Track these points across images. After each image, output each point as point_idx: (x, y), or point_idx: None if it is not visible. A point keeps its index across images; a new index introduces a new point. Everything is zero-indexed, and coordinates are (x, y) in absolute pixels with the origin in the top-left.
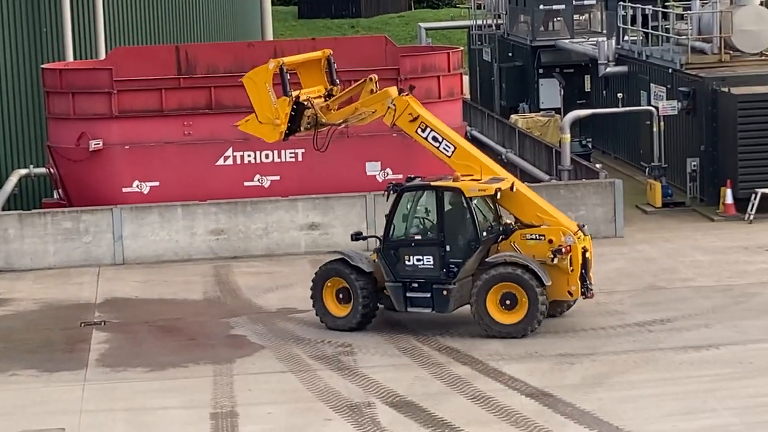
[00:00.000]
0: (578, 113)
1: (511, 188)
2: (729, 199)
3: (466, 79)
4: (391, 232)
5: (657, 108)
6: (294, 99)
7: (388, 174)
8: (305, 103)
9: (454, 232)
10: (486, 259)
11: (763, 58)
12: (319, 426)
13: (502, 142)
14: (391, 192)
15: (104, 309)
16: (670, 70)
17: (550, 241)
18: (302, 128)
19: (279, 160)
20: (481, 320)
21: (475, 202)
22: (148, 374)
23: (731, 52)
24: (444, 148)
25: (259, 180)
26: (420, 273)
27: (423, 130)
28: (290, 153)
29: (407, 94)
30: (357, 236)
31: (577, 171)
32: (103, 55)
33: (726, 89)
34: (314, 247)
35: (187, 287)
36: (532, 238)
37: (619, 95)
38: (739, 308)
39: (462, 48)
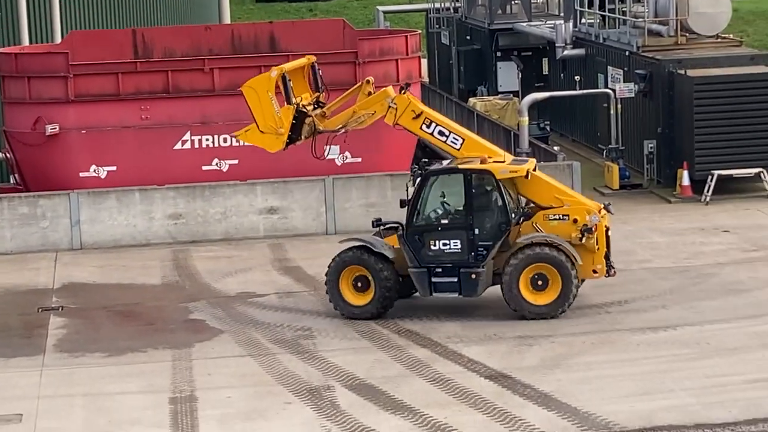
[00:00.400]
0: (536, 96)
1: (534, 169)
2: (686, 180)
3: (424, 62)
4: (415, 217)
5: (614, 90)
6: (296, 107)
7: (347, 158)
8: (305, 110)
9: (482, 215)
10: (517, 240)
11: (719, 40)
12: (278, 409)
13: (461, 125)
14: (416, 176)
15: (62, 294)
16: (626, 53)
17: (575, 221)
18: (303, 136)
19: (237, 144)
20: (513, 301)
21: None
22: (106, 359)
23: (687, 34)
24: (452, 142)
25: (217, 164)
26: (446, 257)
27: (428, 126)
28: None
29: (405, 92)
30: (378, 223)
31: (536, 153)
32: (59, 39)
33: (682, 71)
34: (273, 231)
35: (146, 272)
36: (555, 219)
37: (577, 78)
38: (696, 289)
39: (420, 31)
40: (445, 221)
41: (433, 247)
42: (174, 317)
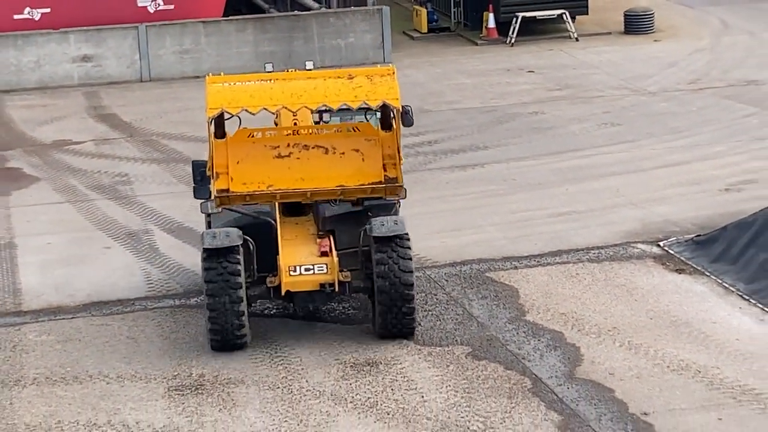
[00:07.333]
0: None
1: None
2: (491, 23)
3: None
4: None
5: None
6: None
7: (159, 5)
8: None
9: None
10: None
11: None
12: (98, 254)
13: None
14: None
15: None
16: None
17: None
18: None
19: None
20: None
21: None
22: None
23: None
24: None
25: (29, 12)
26: None
27: None
28: None
29: None
30: None
31: None
32: None
33: None
34: (87, 79)
35: None
36: None
37: None
38: (503, 128)
39: None
40: None
41: None
42: None
